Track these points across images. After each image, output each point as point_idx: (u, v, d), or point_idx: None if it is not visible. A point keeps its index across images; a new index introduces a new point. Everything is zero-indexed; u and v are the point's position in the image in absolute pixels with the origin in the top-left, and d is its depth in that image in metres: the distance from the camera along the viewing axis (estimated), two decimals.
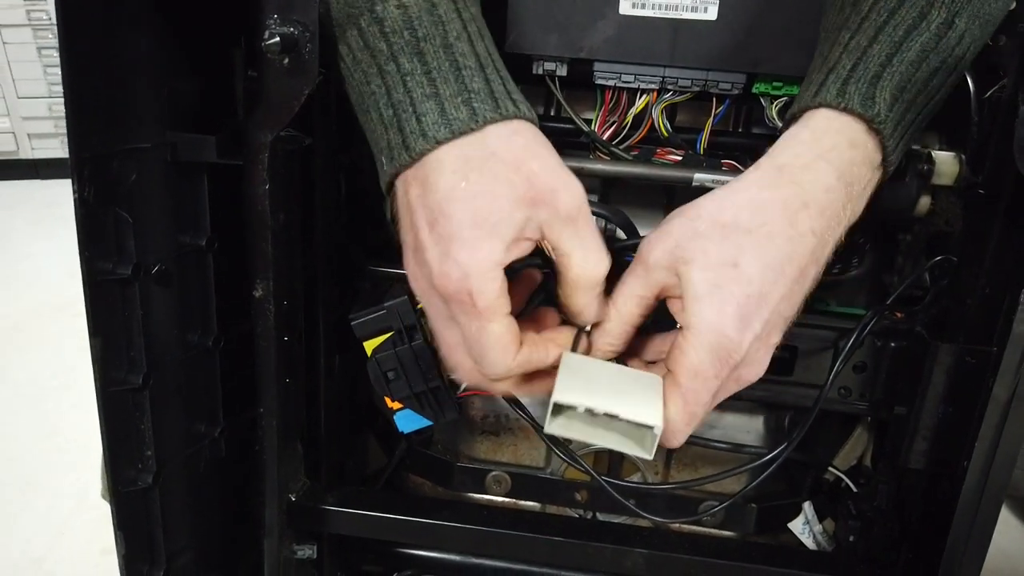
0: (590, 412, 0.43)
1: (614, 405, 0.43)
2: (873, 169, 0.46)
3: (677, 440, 0.45)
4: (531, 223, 0.42)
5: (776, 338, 0.45)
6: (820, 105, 0.45)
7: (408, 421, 0.58)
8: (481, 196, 0.41)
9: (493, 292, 0.42)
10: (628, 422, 0.43)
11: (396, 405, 0.57)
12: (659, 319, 0.48)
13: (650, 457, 0.44)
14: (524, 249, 0.43)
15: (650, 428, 0.43)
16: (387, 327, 0.55)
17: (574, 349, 0.47)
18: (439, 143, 0.42)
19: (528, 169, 0.42)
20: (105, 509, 0.54)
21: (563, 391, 0.43)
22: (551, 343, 0.46)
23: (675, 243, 0.44)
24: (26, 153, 2.78)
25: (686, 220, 0.45)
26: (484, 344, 0.43)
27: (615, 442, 0.45)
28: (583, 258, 0.44)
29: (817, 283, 0.45)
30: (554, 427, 0.44)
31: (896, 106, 0.44)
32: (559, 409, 0.44)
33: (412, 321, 0.54)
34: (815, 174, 0.44)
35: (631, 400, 0.43)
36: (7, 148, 2.75)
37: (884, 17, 0.45)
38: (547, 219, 0.42)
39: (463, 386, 0.62)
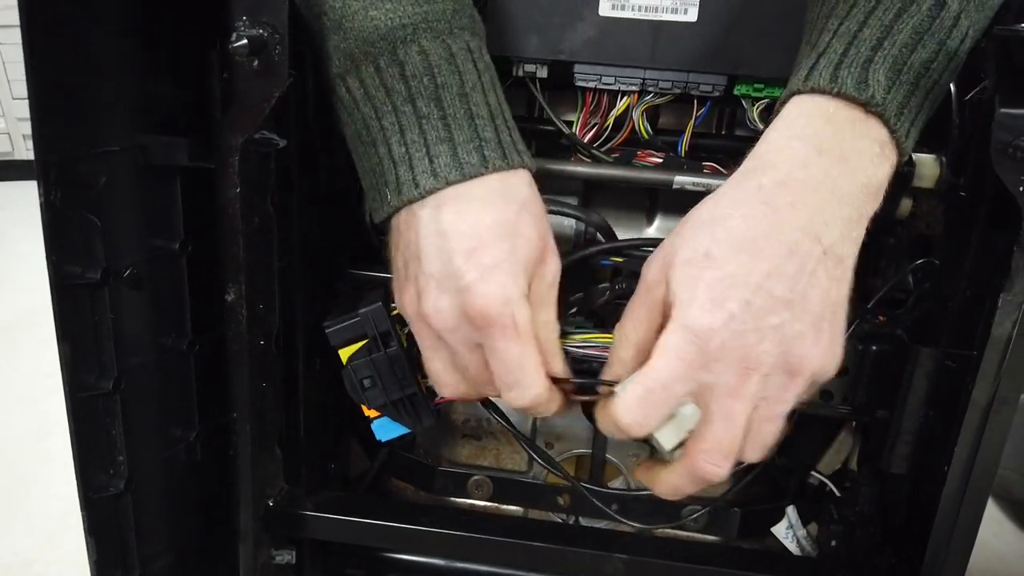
0: None
1: None
2: (882, 148, 0.44)
3: (621, 415, 0.44)
4: (534, 276, 0.47)
5: (776, 319, 0.42)
6: (812, 91, 0.44)
7: (386, 430, 0.57)
8: (518, 235, 0.45)
9: (528, 317, 0.46)
10: None
11: (373, 413, 0.57)
12: None
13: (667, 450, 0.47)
14: None
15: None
16: (362, 334, 0.54)
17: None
18: (449, 184, 0.45)
19: (542, 227, 0.47)
20: None
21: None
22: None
23: (664, 253, 0.45)
24: (21, 154, 2.77)
25: (675, 232, 0.46)
26: (523, 368, 0.46)
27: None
28: (554, 324, 0.49)
29: (840, 262, 0.43)
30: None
31: (896, 89, 0.44)
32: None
33: (387, 328, 0.54)
34: (788, 153, 0.43)
35: None
36: (2, 149, 2.74)
37: (873, 3, 0.45)
38: (541, 279, 0.47)
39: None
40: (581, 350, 0.52)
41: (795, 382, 0.43)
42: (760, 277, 0.41)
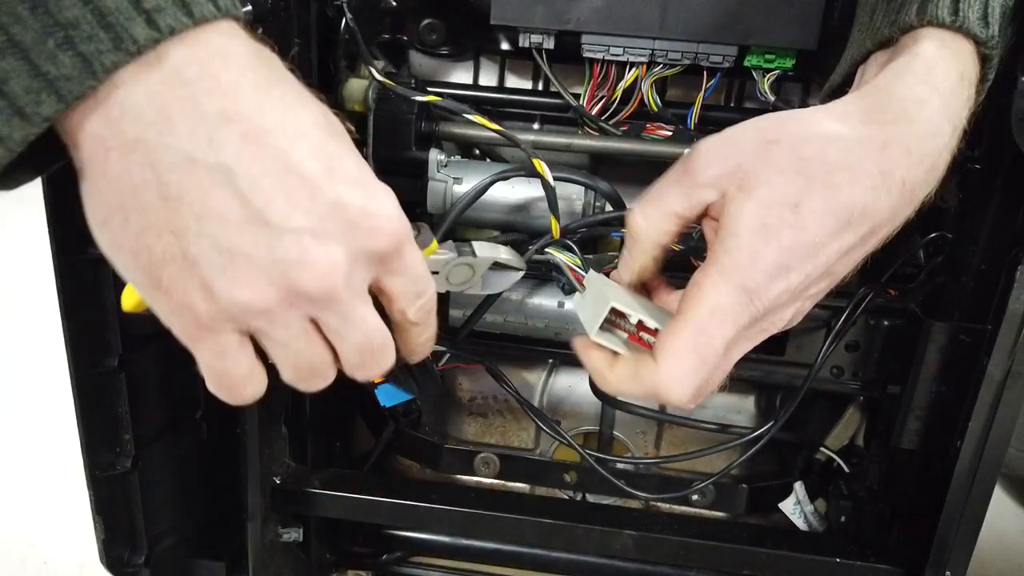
0: (627, 324, 0.41)
1: (658, 320, 0.40)
2: (971, 104, 0.40)
3: (680, 391, 0.38)
4: None
5: (816, 292, 0.39)
6: (929, 24, 0.39)
7: (389, 395, 0.56)
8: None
9: None
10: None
11: (377, 379, 0.56)
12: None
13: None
14: None
15: None
16: None
17: None
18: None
19: None
20: None
21: (618, 301, 0.41)
22: None
23: (738, 164, 0.38)
24: None
25: (760, 139, 0.39)
26: (430, 304, 0.38)
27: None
28: None
29: (882, 243, 0.39)
30: (601, 336, 0.42)
31: (1002, 30, 0.39)
32: (609, 318, 0.41)
33: None
34: (929, 112, 0.38)
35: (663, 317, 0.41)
36: None
37: None
38: None
39: (444, 358, 0.61)
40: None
41: None
42: (834, 251, 0.37)
